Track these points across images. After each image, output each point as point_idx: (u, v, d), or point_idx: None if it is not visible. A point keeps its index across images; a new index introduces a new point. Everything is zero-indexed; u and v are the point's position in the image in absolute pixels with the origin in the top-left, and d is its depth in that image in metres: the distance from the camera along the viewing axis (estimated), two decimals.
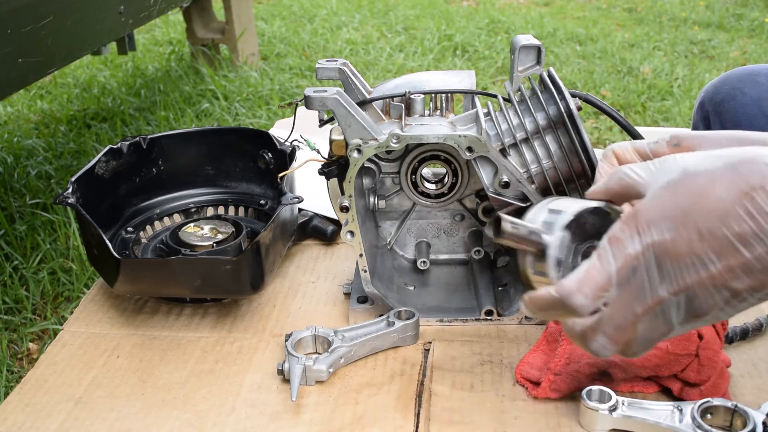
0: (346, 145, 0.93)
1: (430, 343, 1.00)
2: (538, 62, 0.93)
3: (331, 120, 0.97)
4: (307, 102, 0.91)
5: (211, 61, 3.10)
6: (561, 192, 0.92)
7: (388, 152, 1.07)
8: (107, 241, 1.00)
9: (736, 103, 1.18)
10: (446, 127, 0.94)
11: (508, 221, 0.61)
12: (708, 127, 1.24)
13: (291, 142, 1.14)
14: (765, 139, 0.62)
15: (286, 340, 0.95)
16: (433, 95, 0.98)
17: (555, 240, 0.62)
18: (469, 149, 0.91)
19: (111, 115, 2.57)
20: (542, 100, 0.91)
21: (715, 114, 1.22)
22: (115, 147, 1.21)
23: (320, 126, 0.99)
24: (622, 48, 3.64)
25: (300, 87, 2.91)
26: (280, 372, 0.92)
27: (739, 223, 0.51)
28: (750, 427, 0.77)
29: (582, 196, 0.92)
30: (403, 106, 0.95)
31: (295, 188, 1.18)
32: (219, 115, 2.58)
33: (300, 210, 1.27)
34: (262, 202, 1.25)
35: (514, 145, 0.92)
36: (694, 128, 1.29)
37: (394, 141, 0.92)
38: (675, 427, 0.79)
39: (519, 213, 0.96)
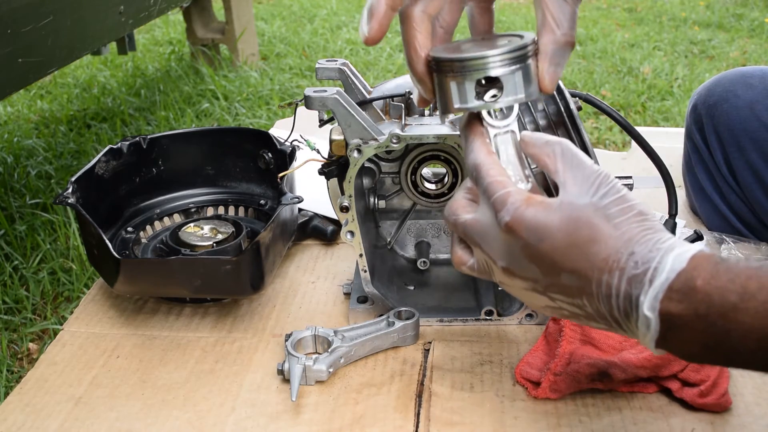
0: (346, 145, 0.93)
1: (430, 343, 1.00)
2: None
3: (331, 120, 0.97)
4: (307, 102, 0.91)
5: (211, 61, 3.10)
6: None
7: (388, 152, 1.07)
8: (107, 241, 1.00)
9: (729, 105, 1.18)
10: (446, 127, 0.93)
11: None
12: (701, 131, 1.24)
13: (291, 142, 1.14)
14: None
15: (286, 340, 0.95)
16: None
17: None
18: None
19: (111, 115, 2.57)
20: (542, 99, 0.91)
21: (708, 117, 1.22)
22: (115, 147, 1.21)
23: (320, 126, 0.99)
24: (622, 48, 3.64)
25: (300, 87, 2.91)
26: (280, 372, 0.93)
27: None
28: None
29: None
30: (403, 106, 0.95)
31: (295, 188, 1.18)
32: (219, 115, 2.58)
33: (300, 210, 1.27)
34: (262, 202, 1.25)
35: None
36: (688, 131, 1.29)
37: (394, 141, 0.92)
38: None
39: None
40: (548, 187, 0.93)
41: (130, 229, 1.19)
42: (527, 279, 0.64)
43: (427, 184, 1.10)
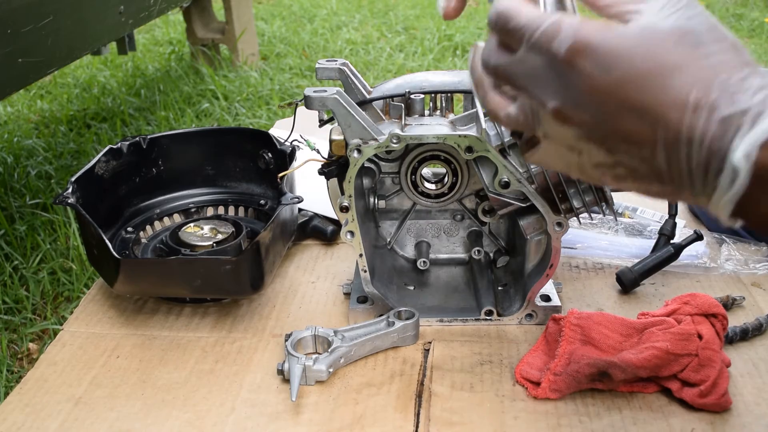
0: (346, 145, 0.93)
1: (430, 343, 1.00)
2: None
3: (331, 120, 0.97)
4: (307, 102, 0.91)
5: (211, 61, 3.10)
6: (561, 192, 0.92)
7: (388, 152, 1.07)
8: (107, 241, 1.00)
9: None
10: (446, 127, 0.93)
11: None
12: None
13: (291, 142, 1.14)
14: None
15: (286, 340, 0.95)
16: (433, 95, 0.98)
17: None
18: (469, 149, 0.91)
19: (111, 115, 2.57)
20: None
21: None
22: (115, 147, 1.21)
23: (320, 126, 0.99)
24: None
25: (300, 87, 2.91)
26: (280, 372, 0.93)
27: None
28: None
29: (583, 201, 0.92)
30: (403, 106, 0.95)
31: (295, 188, 1.18)
32: (219, 115, 2.58)
33: (300, 210, 1.27)
34: (262, 202, 1.25)
35: (514, 145, 0.92)
36: None
37: (394, 141, 0.92)
38: None
39: (519, 213, 0.96)
40: (548, 187, 0.92)
41: (130, 229, 1.19)
42: (583, 123, 0.53)
43: (427, 184, 1.10)
